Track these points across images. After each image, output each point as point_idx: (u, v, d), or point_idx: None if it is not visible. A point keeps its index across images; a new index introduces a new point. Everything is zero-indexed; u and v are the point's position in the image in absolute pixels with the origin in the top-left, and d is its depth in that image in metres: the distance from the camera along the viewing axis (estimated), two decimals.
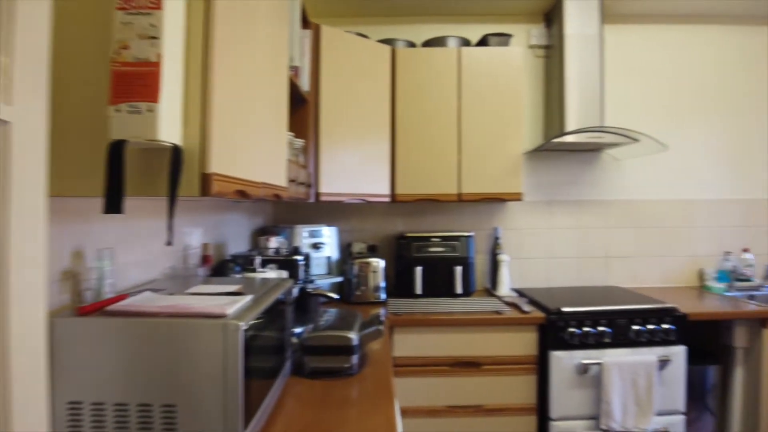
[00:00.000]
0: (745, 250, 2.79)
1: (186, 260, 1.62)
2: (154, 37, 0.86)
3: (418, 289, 2.51)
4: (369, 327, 1.56)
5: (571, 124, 2.55)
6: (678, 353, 2.16)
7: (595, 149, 2.77)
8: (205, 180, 0.92)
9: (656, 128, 2.79)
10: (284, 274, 1.74)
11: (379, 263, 2.45)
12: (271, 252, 1.97)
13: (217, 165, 0.96)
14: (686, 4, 2.69)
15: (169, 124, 0.88)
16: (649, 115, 2.84)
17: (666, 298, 2.40)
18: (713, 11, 2.79)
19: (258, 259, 1.68)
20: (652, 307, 2.20)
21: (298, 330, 1.66)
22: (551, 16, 2.75)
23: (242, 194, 1.14)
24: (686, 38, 2.86)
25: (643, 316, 2.17)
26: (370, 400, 1.29)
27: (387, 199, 2.48)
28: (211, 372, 0.91)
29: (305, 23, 2.11)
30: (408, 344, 2.18)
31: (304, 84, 2.08)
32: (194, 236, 1.68)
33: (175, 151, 0.89)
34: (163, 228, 1.42)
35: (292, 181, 1.71)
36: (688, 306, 2.30)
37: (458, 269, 2.52)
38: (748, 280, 2.72)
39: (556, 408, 2.13)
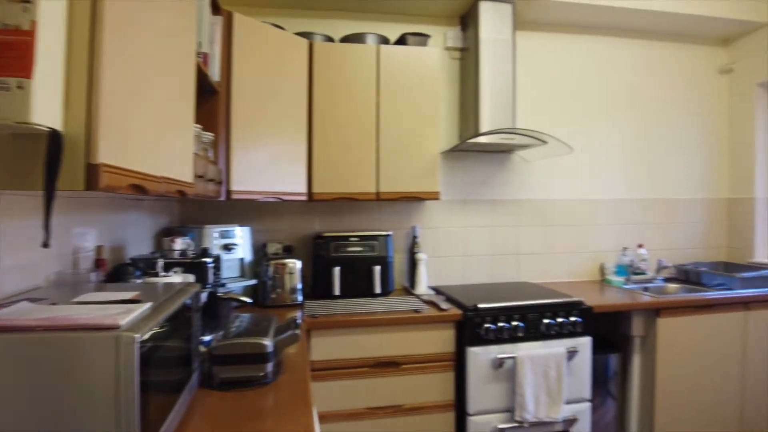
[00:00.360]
0: (640, 246, 3.02)
1: (76, 265, 1.43)
2: (26, 1, 0.73)
3: (337, 290, 2.45)
4: (285, 331, 1.48)
5: (485, 125, 2.61)
6: (584, 344, 2.28)
7: (507, 150, 2.86)
8: (92, 172, 0.80)
9: (563, 131, 2.94)
10: (190, 278, 1.61)
11: (296, 264, 2.36)
12: (176, 254, 1.81)
13: (106, 155, 0.83)
14: (589, 16, 2.86)
15: (45, 105, 0.75)
16: (557, 119, 3.00)
17: (573, 292, 2.53)
18: (613, 24, 2.99)
19: (160, 263, 1.53)
20: (561, 301, 2.31)
21: (207, 338, 1.53)
22: (467, 20, 2.81)
23: (139, 189, 1.01)
24: (589, 48, 3.05)
25: (553, 309, 2.27)
26: (287, 409, 1.22)
27: (303, 198, 2.39)
28: (102, 393, 0.80)
29: (216, 9, 1.97)
30: (326, 347, 2.11)
31: (215, 74, 1.94)
32: (87, 237, 1.50)
33: (53, 137, 0.76)
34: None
35: (199, 177, 1.58)
36: (593, 299, 2.44)
37: (377, 269, 2.49)
38: (643, 273, 2.95)
39: (473, 403, 2.16)
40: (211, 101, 2.00)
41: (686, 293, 2.67)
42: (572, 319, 2.26)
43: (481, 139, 2.51)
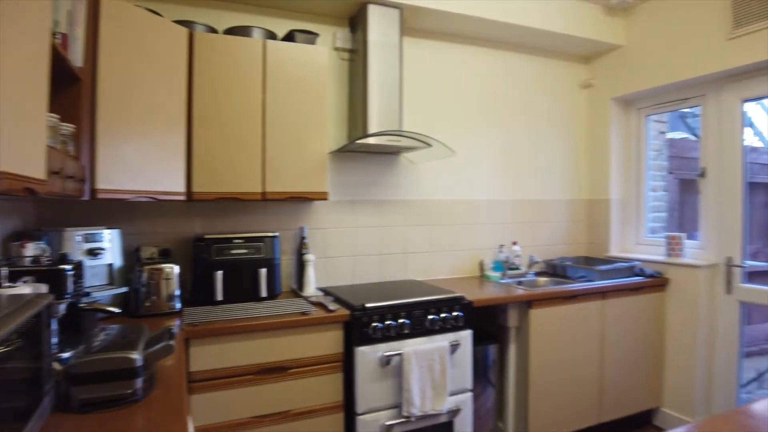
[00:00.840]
0: (515, 243, 3.26)
1: None
2: None
3: (219, 295, 2.33)
4: (157, 343, 1.36)
5: (373, 127, 2.65)
6: (466, 337, 2.40)
7: (394, 152, 2.93)
8: None
9: (446, 135, 3.07)
10: (43, 288, 1.42)
11: (174, 269, 2.20)
12: (27, 261, 1.59)
13: None
14: (468, 28, 3.03)
15: None
16: (441, 123, 3.13)
17: (455, 288, 2.66)
18: (490, 36, 3.19)
19: (4, 271, 1.33)
20: (444, 297, 2.41)
21: (65, 355, 1.36)
22: (356, 22, 2.82)
23: None
24: (469, 57, 3.23)
25: (437, 306, 2.36)
26: (159, 427, 1.12)
27: (182, 198, 2.24)
28: None
29: None
30: (208, 357, 1.99)
31: (77, 59, 1.74)
32: None
33: None
34: None
35: (55, 173, 1.39)
36: (473, 294, 2.58)
37: (263, 271, 2.41)
38: (517, 268, 3.19)
39: (362, 402, 2.18)
40: (73, 89, 1.78)
41: (554, 286, 2.92)
42: (455, 313, 2.37)
43: (369, 140, 2.54)
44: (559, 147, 3.57)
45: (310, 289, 2.57)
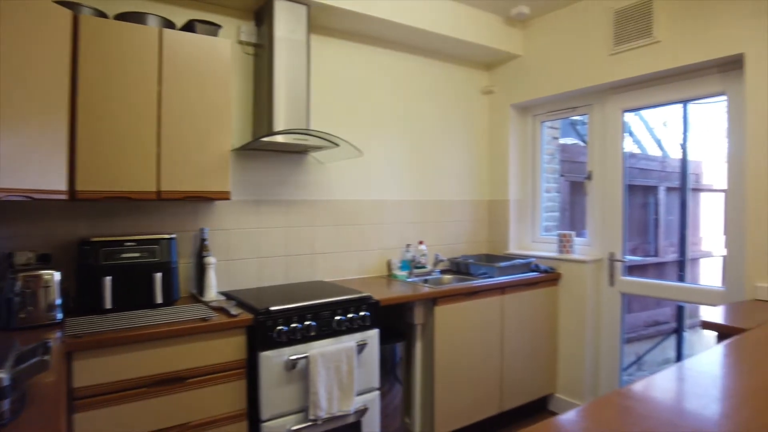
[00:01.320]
0: (421, 243, 3.34)
1: None
2: None
3: (108, 303, 2.14)
4: (30, 358, 1.22)
5: (279, 124, 2.58)
6: (373, 336, 2.42)
7: (301, 151, 2.88)
8: None
9: (354, 136, 3.08)
10: None
11: (54, 276, 1.99)
12: None
13: None
14: (375, 29, 3.05)
15: None
16: (349, 123, 3.13)
17: (363, 288, 2.67)
18: (397, 39, 3.24)
19: None
20: (351, 297, 2.41)
21: None
22: (261, 16, 2.73)
23: None
24: (377, 59, 3.26)
25: (344, 306, 2.35)
26: None
27: (63, 197, 2.03)
28: None
29: None
30: (94, 371, 1.82)
31: None
32: None
33: None
34: None
35: None
36: (380, 293, 2.60)
37: (158, 276, 2.26)
38: (423, 267, 3.27)
39: (266, 409, 2.11)
40: None
41: (457, 283, 3.03)
42: (362, 313, 2.38)
43: (276, 139, 2.47)
44: (463, 149, 3.71)
45: (211, 293, 2.45)
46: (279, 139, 2.48)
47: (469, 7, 3.27)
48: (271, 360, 2.12)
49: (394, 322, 2.86)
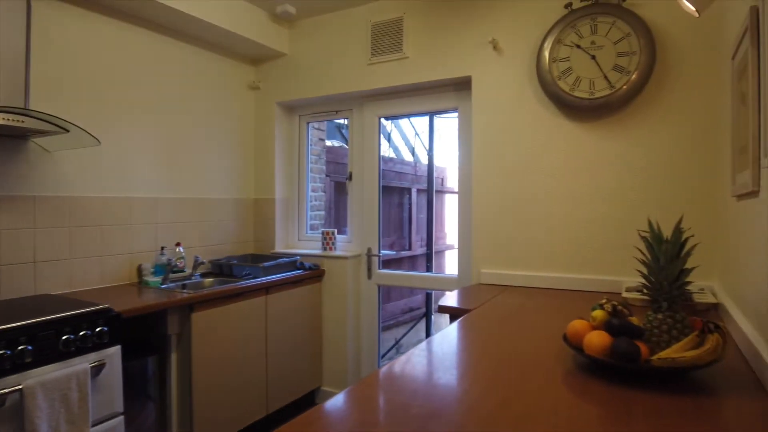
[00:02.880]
0: (178, 244, 3.06)
1: None
2: None
3: None
4: None
5: None
6: (113, 354, 2.09)
7: (18, 135, 2.34)
8: None
9: (92, 122, 2.65)
10: None
11: None
12: None
13: None
14: (129, 5, 2.67)
15: None
16: (86, 106, 2.66)
17: (103, 300, 2.30)
18: (153, 18, 2.89)
19: None
20: (84, 311, 2.04)
21: None
22: None
23: None
24: (126, 35, 2.85)
25: (74, 323, 1.97)
26: None
27: None
28: None
29: None
30: None
31: None
32: None
33: None
34: None
35: None
36: (125, 303, 2.28)
37: None
38: (181, 271, 3.00)
39: None
40: None
41: (219, 286, 2.87)
42: (98, 329, 2.04)
43: None
44: (228, 145, 3.54)
45: None
46: None
47: None
48: None
49: (147, 334, 2.55)
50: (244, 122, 3.68)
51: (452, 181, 7.09)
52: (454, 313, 2.25)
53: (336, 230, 3.49)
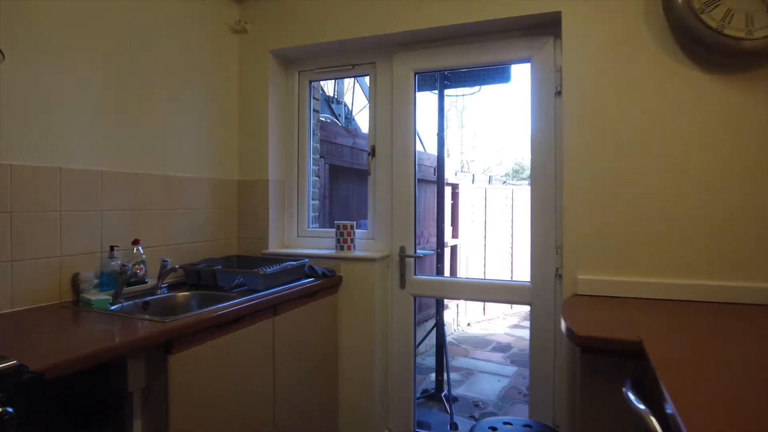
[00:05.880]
0: (135, 243, 2.05)
1: None
2: None
3: None
4: None
5: None
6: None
7: None
8: None
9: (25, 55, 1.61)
10: None
11: None
12: None
13: None
14: None
15: None
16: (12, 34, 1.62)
17: (13, 340, 1.31)
18: None
19: None
20: None
21: None
22: None
23: None
24: None
25: None
26: None
27: None
28: None
29: None
30: None
31: None
32: None
33: None
34: None
35: None
36: (50, 348, 1.29)
37: None
38: (141, 282, 2.00)
39: None
40: None
41: (205, 307, 1.88)
42: None
43: None
44: (202, 106, 2.53)
45: None
46: None
47: None
48: None
49: (92, 391, 1.55)
50: (225, 76, 2.68)
51: (449, 171, 6.28)
52: (606, 348, 1.44)
53: (354, 223, 2.58)
